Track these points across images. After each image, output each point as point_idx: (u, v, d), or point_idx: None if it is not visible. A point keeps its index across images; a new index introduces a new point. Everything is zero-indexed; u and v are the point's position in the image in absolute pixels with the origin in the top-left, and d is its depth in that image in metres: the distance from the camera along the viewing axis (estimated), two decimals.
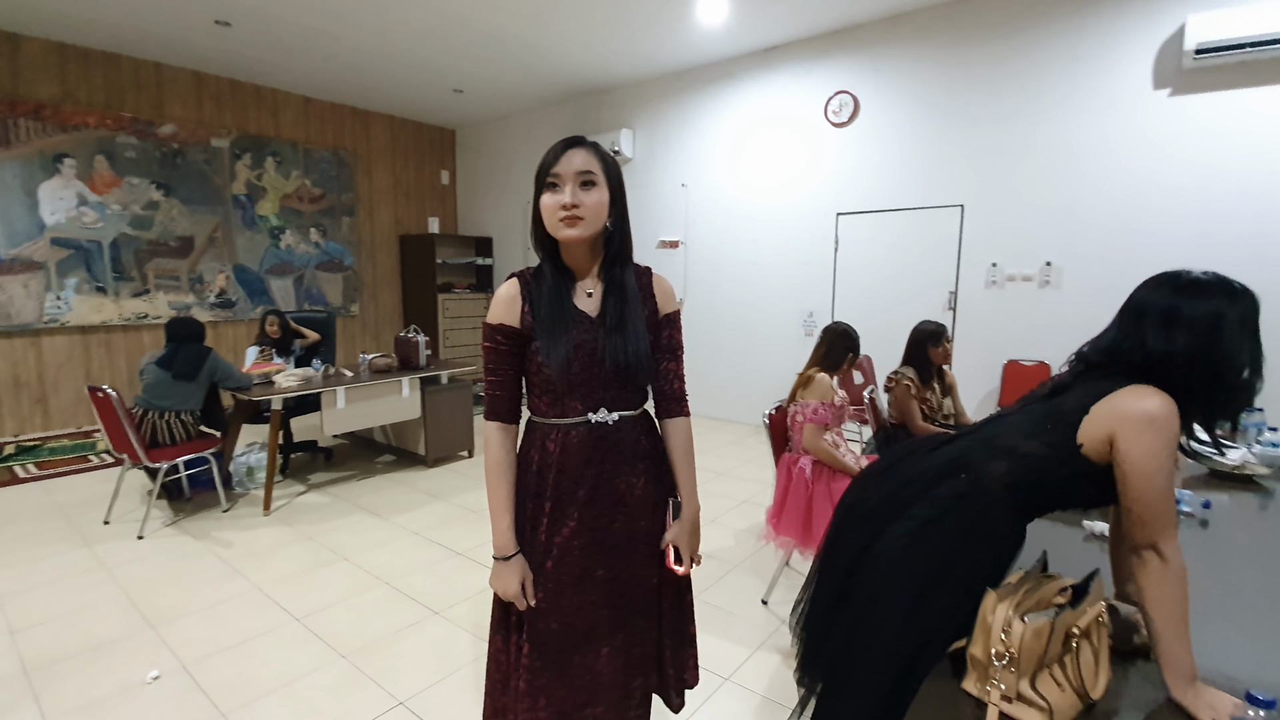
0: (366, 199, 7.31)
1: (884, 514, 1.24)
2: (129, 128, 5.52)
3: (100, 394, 3.24)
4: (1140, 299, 1.14)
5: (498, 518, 1.24)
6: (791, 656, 2.28)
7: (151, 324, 5.78)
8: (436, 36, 5.05)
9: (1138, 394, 1.05)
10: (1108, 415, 1.07)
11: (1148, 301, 1.12)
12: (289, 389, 3.69)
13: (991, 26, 4.27)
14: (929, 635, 1.12)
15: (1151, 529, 1.03)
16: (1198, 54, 3.47)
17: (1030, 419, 1.19)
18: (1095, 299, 4.05)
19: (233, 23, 4.78)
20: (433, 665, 2.23)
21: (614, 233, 1.23)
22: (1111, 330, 1.16)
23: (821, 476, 2.43)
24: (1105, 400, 1.08)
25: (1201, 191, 3.68)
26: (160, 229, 5.76)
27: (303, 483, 4.22)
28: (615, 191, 1.21)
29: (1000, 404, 4.31)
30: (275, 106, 6.45)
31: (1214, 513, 1.84)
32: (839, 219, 5.06)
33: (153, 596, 2.71)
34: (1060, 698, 0.96)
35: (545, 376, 1.20)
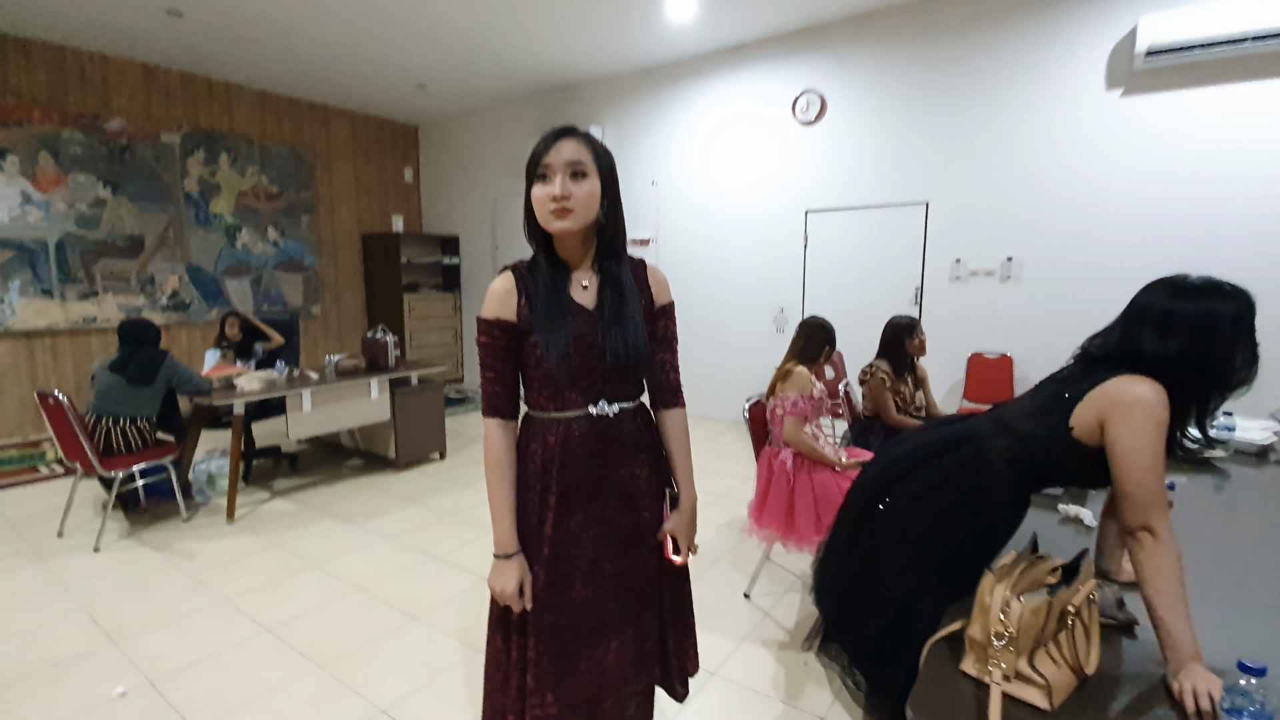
0: (327, 197, 7.11)
1: (891, 473, 1.41)
2: (74, 123, 5.25)
3: (51, 400, 3.07)
4: (1141, 302, 1.20)
5: (499, 516, 1.22)
6: (776, 647, 2.31)
7: (100, 328, 5.52)
8: (399, 29, 4.94)
9: (1128, 381, 1.12)
10: (1099, 400, 1.14)
11: (1148, 305, 1.18)
12: (252, 392, 3.56)
13: (953, 27, 4.38)
14: (924, 583, 1.27)
15: (1144, 510, 1.07)
16: (1148, 55, 3.62)
17: (1033, 403, 1.29)
18: (1054, 292, 4.20)
19: (185, 13, 4.59)
20: (415, 672, 2.18)
21: (607, 224, 1.22)
22: (1114, 329, 1.23)
23: (803, 468, 2.46)
24: (1099, 388, 1.15)
25: (1153, 188, 3.85)
26: (108, 228, 5.50)
27: (267, 490, 4.08)
28: (607, 182, 1.19)
29: (965, 395, 4.44)
30: (229, 101, 6.22)
31: (1177, 494, 1.92)
32: (808, 216, 5.13)
33: (114, 611, 2.58)
34: (1057, 674, 0.99)
35: (545, 370, 1.18)
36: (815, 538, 2.38)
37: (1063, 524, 1.70)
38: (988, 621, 1.02)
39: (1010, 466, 1.27)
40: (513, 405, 1.24)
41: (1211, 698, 0.91)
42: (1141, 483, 1.07)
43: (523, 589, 1.20)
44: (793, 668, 2.19)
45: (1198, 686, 0.93)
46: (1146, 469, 1.07)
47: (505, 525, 1.21)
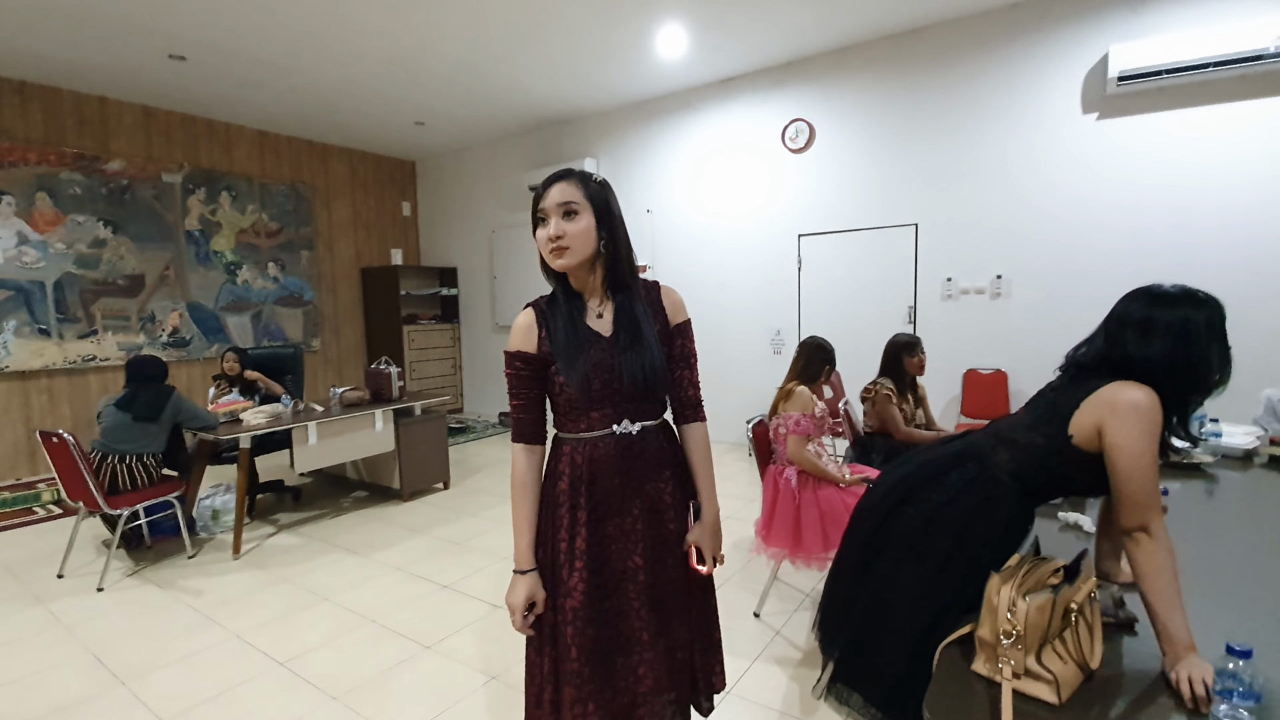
0: (326, 232, 7.20)
1: (898, 494, 1.41)
2: (72, 164, 5.34)
3: (55, 439, 3.09)
4: (1121, 311, 1.27)
5: (518, 533, 1.29)
6: (789, 665, 2.32)
7: (99, 367, 5.53)
8: (397, 69, 5.08)
9: (1123, 387, 1.18)
10: (1096, 407, 1.20)
11: (1127, 313, 1.25)
12: (258, 426, 3.58)
13: (932, 56, 4.56)
14: (943, 610, 1.24)
15: (1141, 510, 1.12)
16: (1120, 80, 3.78)
17: (1031, 415, 1.34)
18: (1042, 307, 4.30)
19: (188, 57, 4.72)
20: (430, 701, 2.18)
21: (606, 253, 1.28)
22: (1098, 338, 1.30)
23: (807, 486, 2.50)
24: (1094, 395, 1.21)
25: (1130, 204, 3.99)
26: (108, 267, 5.56)
27: (271, 524, 4.08)
28: (602, 214, 1.26)
29: (962, 411, 4.51)
30: (229, 141, 6.34)
31: (1169, 500, 1.98)
32: (800, 240, 5.25)
33: (120, 652, 2.57)
34: (1064, 669, 1.03)
35: (568, 395, 1.25)
36: (822, 554, 2.42)
37: (1063, 531, 1.76)
38: (996, 621, 1.06)
39: (1015, 479, 1.31)
40: (537, 431, 1.31)
41: (1205, 683, 0.97)
42: (1140, 485, 1.13)
43: (533, 606, 1.26)
44: (806, 685, 2.20)
45: (1193, 674, 0.99)
46: (1144, 472, 1.13)
47: (523, 543, 1.28)
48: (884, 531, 1.41)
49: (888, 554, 1.39)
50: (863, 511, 1.51)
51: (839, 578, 1.54)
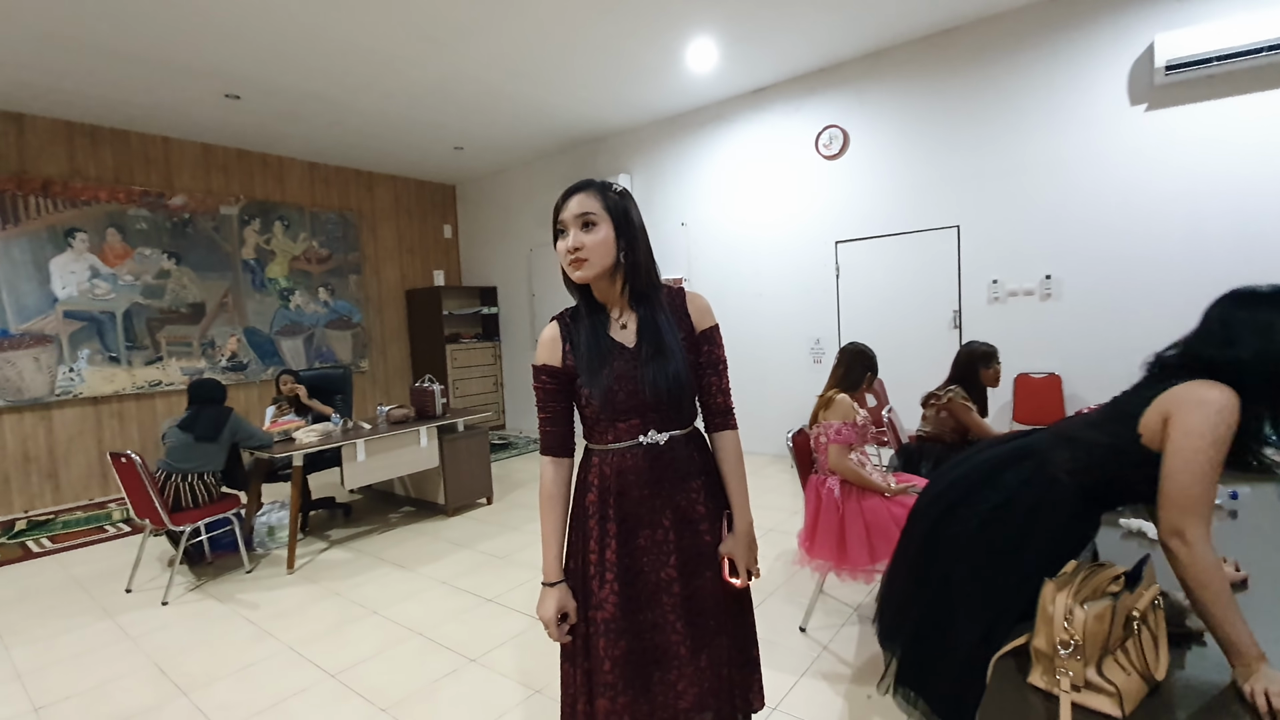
0: (372, 256, 7.46)
1: (952, 496, 1.37)
2: (139, 200, 5.68)
3: (124, 459, 3.26)
4: (1211, 311, 1.21)
5: (546, 546, 1.30)
6: (838, 681, 2.26)
7: (164, 391, 5.83)
8: (437, 98, 5.26)
9: (1198, 384, 1.11)
10: (1166, 402, 1.13)
11: (1216, 314, 1.19)
12: (309, 444, 3.71)
13: (967, 56, 4.47)
14: (1001, 615, 1.20)
15: (1179, 513, 1.05)
16: (1168, 70, 3.63)
17: (1099, 412, 1.28)
18: (1096, 307, 4.13)
19: (242, 95, 4.99)
20: (477, 712, 2.20)
21: (626, 263, 1.26)
22: (1187, 339, 1.22)
23: (851, 495, 2.45)
24: (1167, 391, 1.14)
25: (1186, 197, 3.80)
26: (172, 297, 5.87)
27: (324, 539, 4.20)
28: (620, 224, 1.25)
29: (1014, 418, 4.35)
30: (281, 173, 6.66)
31: (1240, 504, 1.86)
32: (838, 247, 5.18)
33: (182, 663, 2.67)
34: (1127, 681, 0.98)
35: (594, 408, 1.26)
36: (869, 565, 2.35)
37: (1125, 539, 1.67)
38: (1052, 630, 1.02)
39: (1073, 478, 1.24)
40: (564, 444, 1.32)
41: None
42: (1184, 486, 1.05)
43: (565, 617, 1.26)
44: (856, 702, 2.14)
45: (1270, 687, 0.92)
46: (1195, 472, 1.05)
47: (550, 555, 1.29)
48: (939, 533, 1.37)
49: (943, 556, 1.35)
50: (917, 513, 1.48)
51: (895, 576, 1.51)
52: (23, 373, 5.11)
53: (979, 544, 1.29)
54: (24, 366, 5.12)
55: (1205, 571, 1.02)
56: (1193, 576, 1.03)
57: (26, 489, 5.20)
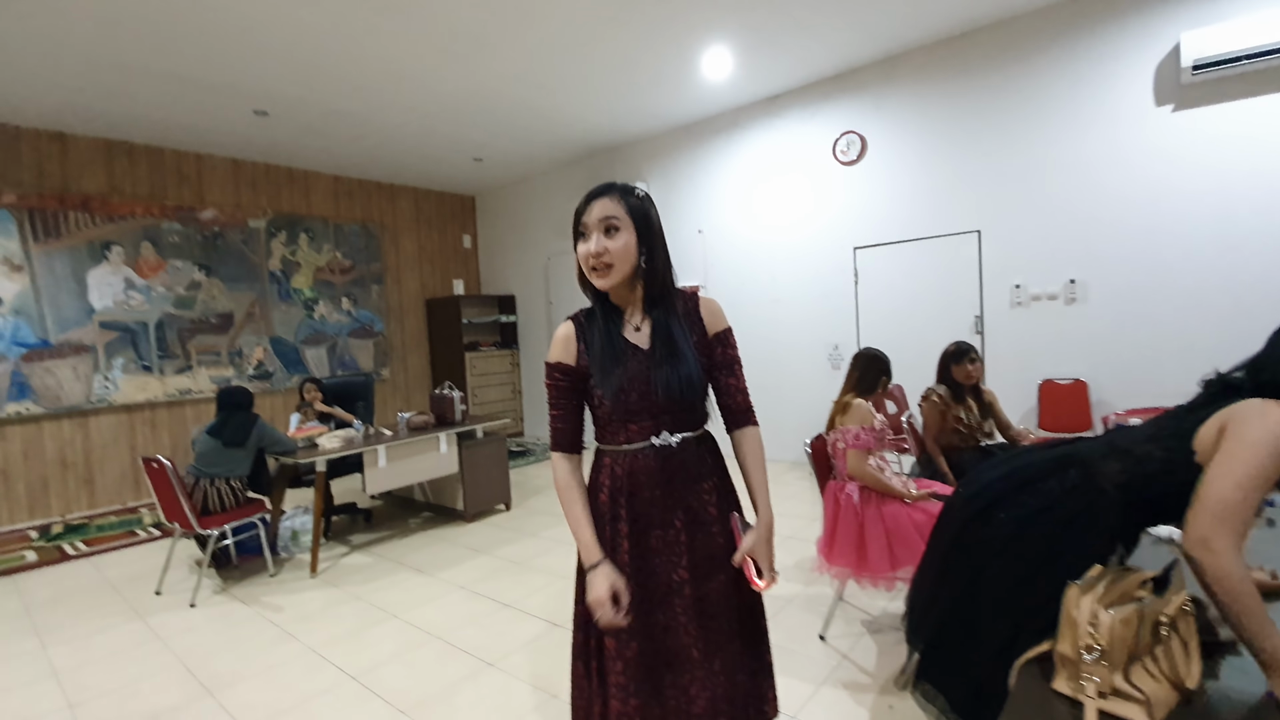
0: (394, 267, 7.58)
1: (989, 496, 1.33)
2: (172, 215, 5.84)
3: (155, 464, 3.34)
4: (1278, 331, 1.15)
5: (579, 530, 1.26)
6: (857, 691, 2.23)
7: (194, 399, 5.97)
8: (457, 110, 5.35)
9: (1261, 402, 1.07)
10: (1223, 417, 1.09)
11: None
12: (332, 450, 3.77)
13: (986, 58, 4.43)
14: (1028, 619, 1.17)
15: (1208, 521, 1.00)
16: (1195, 70, 3.57)
17: (1155, 426, 1.23)
18: (1124, 312, 4.04)
19: (270, 112, 5.12)
20: (494, 715, 2.20)
21: (647, 268, 1.28)
22: (1255, 361, 1.18)
23: (870, 501, 2.42)
24: (1227, 408, 1.10)
25: (1217, 194, 3.71)
26: (202, 307, 6.02)
27: (345, 544, 4.25)
28: (642, 229, 1.26)
29: (1040, 424, 4.26)
30: (307, 186, 6.81)
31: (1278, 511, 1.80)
32: (856, 253, 5.14)
33: (209, 663, 2.72)
34: (1156, 689, 0.95)
35: (606, 408, 1.26)
36: (889, 572, 2.32)
37: (1155, 545, 1.63)
38: (1076, 635, 0.99)
39: (1121, 491, 1.19)
40: (574, 441, 1.33)
41: None
42: (1222, 492, 1.00)
43: (618, 597, 1.20)
44: (877, 711, 2.10)
45: None
46: (1237, 480, 1.00)
47: (586, 537, 1.25)
48: (971, 533, 1.34)
49: (974, 556, 1.31)
50: (950, 511, 1.45)
51: (925, 573, 1.48)
52: (61, 382, 5.27)
53: (1013, 548, 1.26)
54: (63, 376, 5.28)
55: (1232, 581, 0.97)
56: (1220, 588, 0.98)
57: (64, 493, 5.35)
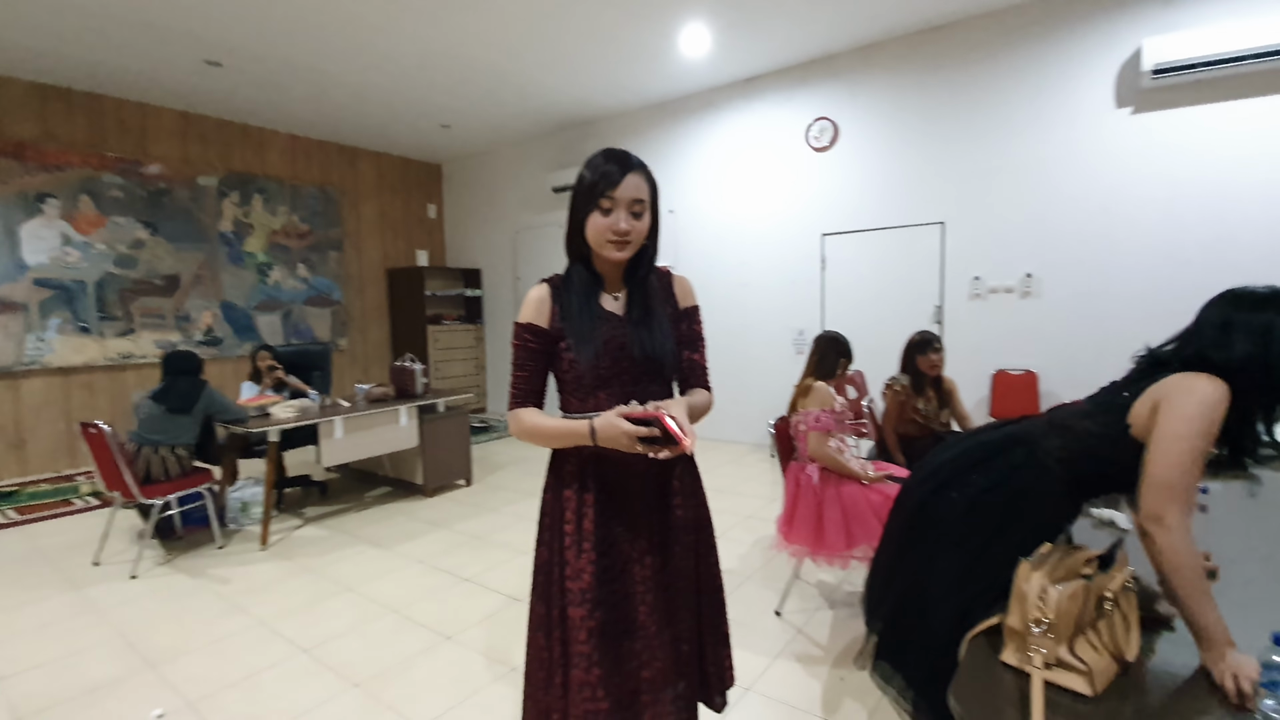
0: (354, 234, 7.34)
1: (941, 476, 1.39)
2: (114, 167, 5.51)
3: (93, 430, 3.18)
4: (1204, 314, 1.23)
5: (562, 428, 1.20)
6: (811, 663, 2.29)
7: (136, 363, 5.70)
8: (424, 73, 5.16)
9: (1189, 375, 1.13)
10: (1156, 393, 1.15)
11: (1211, 315, 1.21)
12: (285, 420, 3.65)
13: (959, 52, 4.49)
14: (980, 593, 1.22)
15: (1161, 496, 1.07)
16: (1155, 74, 3.68)
17: (1092, 403, 1.30)
18: (1074, 307, 4.19)
19: (223, 63, 4.85)
20: (450, 689, 2.19)
21: (648, 245, 1.31)
22: (1182, 335, 1.24)
23: (830, 482, 2.46)
24: (1159, 383, 1.16)
25: (1166, 201, 3.87)
26: (146, 267, 5.72)
27: (299, 517, 4.14)
28: (655, 212, 1.28)
29: (991, 413, 4.41)
30: (262, 144, 6.50)
31: (1210, 498, 1.91)
32: (824, 239, 5.20)
33: (150, 636, 2.63)
34: (1097, 660, 1.00)
35: (577, 372, 1.25)
36: (845, 551, 2.38)
37: (1096, 528, 1.70)
38: (1026, 609, 1.03)
39: (1063, 466, 1.26)
40: (538, 401, 1.31)
41: (1251, 679, 0.93)
42: (1167, 470, 1.08)
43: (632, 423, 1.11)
44: (829, 683, 2.17)
45: (1237, 670, 0.94)
46: (1177, 456, 1.07)
47: (570, 423, 1.19)
48: (925, 514, 1.40)
49: (928, 536, 1.37)
50: (906, 493, 1.50)
51: (882, 553, 1.54)
52: None
53: (965, 525, 1.32)
54: None
55: (1182, 555, 1.04)
56: (1169, 561, 1.05)
57: None
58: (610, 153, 1.24)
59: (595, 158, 1.24)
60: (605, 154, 1.24)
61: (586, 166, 1.25)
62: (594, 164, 1.23)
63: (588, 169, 1.24)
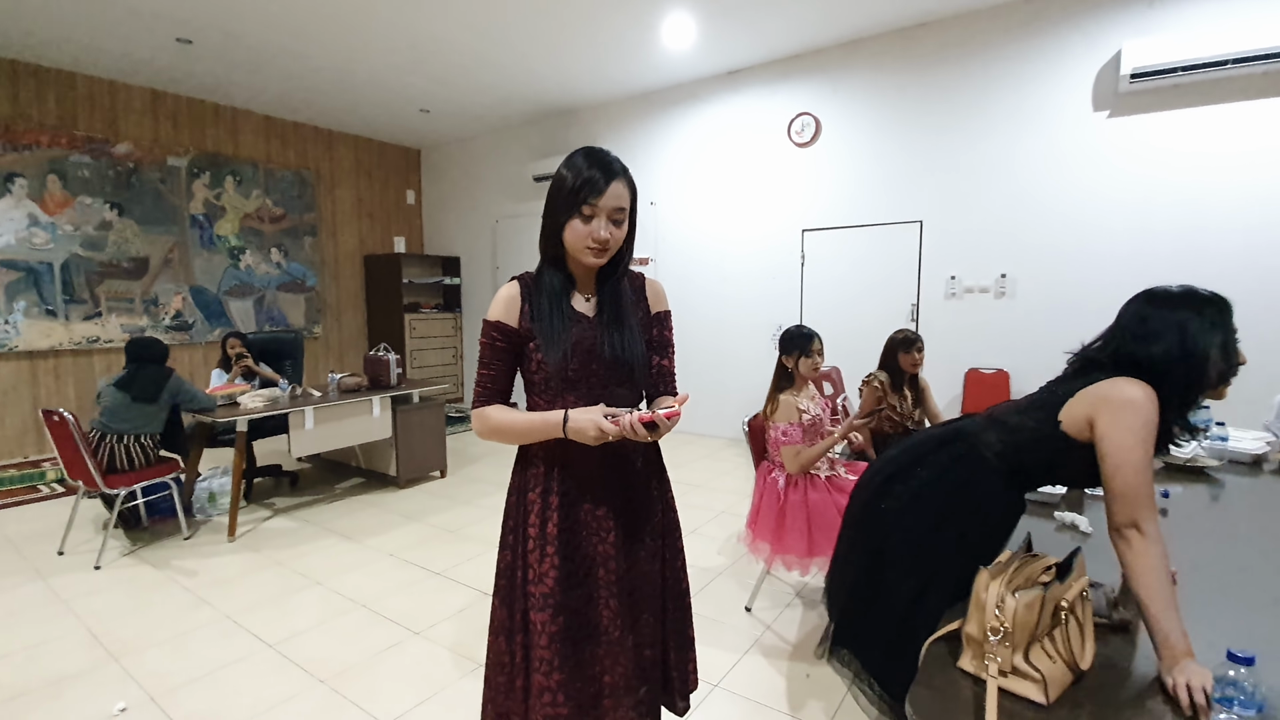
0: (330, 219, 7.20)
1: (888, 471, 1.47)
2: (83, 147, 5.35)
3: (56, 417, 3.10)
4: (1127, 311, 1.29)
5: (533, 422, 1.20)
6: (778, 659, 2.31)
7: (103, 348, 5.56)
8: (403, 57, 5.06)
9: (1119, 382, 1.19)
10: (1090, 398, 1.21)
11: (1133, 313, 1.27)
12: (255, 409, 3.58)
13: (941, 51, 4.50)
14: (929, 584, 1.30)
15: (1132, 507, 1.11)
16: (1133, 78, 3.72)
17: (1028, 399, 1.36)
18: (1047, 308, 4.25)
19: (195, 40, 4.71)
20: (418, 685, 2.17)
21: (625, 250, 1.28)
22: (1105, 335, 1.31)
23: (797, 488, 2.46)
24: (1090, 387, 1.22)
25: (1140, 205, 3.92)
26: (114, 250, 5.57)
27: (268, 508, 4.08)
28: (633, 218, 1.26)
29: (963, 410, 4.46)
30: (235, 125, 6.34)
31: (1172, 502, 1.95)
32: (804, 235, 5.21)
33: (114, 628, 2.58)
34: (1052, 669, 1.01)
35: (545, 374, 1.23)
36: (806, 559, 2.39)
37: (1059, 531, 1.73)
38: (984, 618, 1.04)
39: (1000, 459, 1.33)
40: (504, 401, 1.29)
41: (1205, 690, 0.93)
42: (1131, 481, 1.12)
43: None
44: (795, 680, 2.19)
45: (1191, 681, 0.95)
46: (1136, 467, 1.12)
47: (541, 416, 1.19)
48: (874, 507, 1.47)
49: (878, 528, 1.44)
50: (859, 489, 1.57)
51: (839, 547, 1.60)
52: None
53: (910, 517, 1.39)
54: None
55: (1157, 560, 1.07)
56: (1144, 566, 1.08)
57: None
58: (593, 155, 1.19)
59: (577, 159, 1.19)
60: (587, 156, 1.19)
61: (567, 167, 1.20)
62: (575, 166, 1.18)
63: (569, 170, 1.19)
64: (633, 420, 1.09)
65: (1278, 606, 1.30)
